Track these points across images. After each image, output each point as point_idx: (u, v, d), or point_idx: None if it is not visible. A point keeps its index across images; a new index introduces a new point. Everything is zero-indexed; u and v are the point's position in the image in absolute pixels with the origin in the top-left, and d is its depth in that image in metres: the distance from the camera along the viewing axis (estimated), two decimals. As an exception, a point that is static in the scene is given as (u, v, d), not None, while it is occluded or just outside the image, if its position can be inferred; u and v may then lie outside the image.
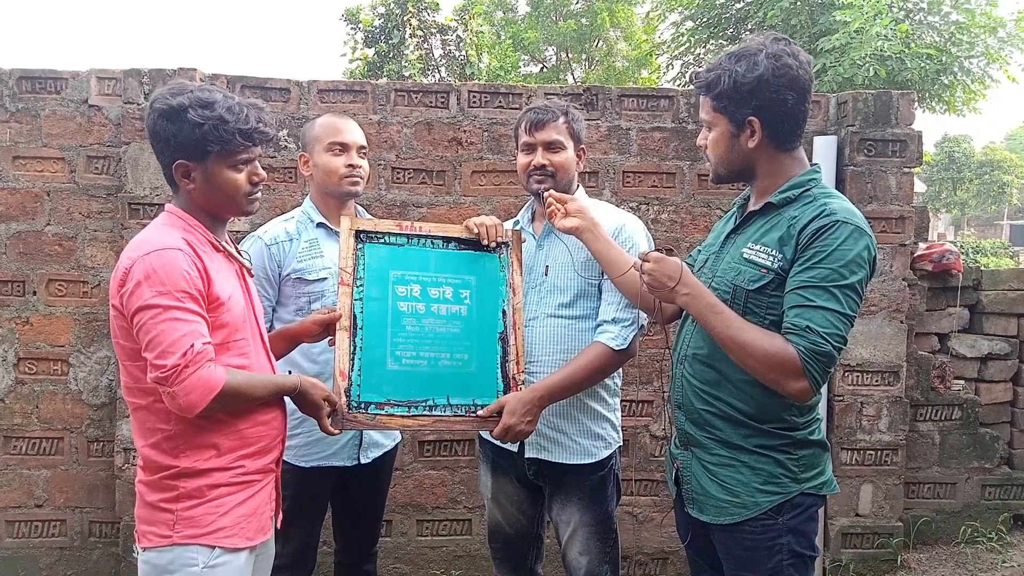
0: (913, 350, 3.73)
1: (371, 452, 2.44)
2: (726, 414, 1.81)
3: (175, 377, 1.59)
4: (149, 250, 1.66)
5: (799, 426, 1.79)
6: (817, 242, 1.66)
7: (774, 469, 1.77)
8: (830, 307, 1.63)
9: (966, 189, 34.14)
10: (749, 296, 1.75)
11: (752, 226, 1.84)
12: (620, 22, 20.18)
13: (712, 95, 1.79)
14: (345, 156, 2.36)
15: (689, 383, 1.88)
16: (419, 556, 3.52)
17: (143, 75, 3.31)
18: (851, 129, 3.53)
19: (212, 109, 1.69)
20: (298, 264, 2.34)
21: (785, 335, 1.65)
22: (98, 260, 3.39)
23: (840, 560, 3.58)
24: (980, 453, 3.88)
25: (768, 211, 1.81)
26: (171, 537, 1.68)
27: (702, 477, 1.85)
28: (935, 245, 3.99)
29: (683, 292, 1.77)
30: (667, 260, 1.82)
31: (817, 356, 1.62)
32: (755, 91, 1.72)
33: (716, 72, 1.77)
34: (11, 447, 3.39)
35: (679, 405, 1.93)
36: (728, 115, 1.78)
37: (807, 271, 1.66)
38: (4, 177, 3.37)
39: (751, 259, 1.77)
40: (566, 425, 2.24)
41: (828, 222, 1.67)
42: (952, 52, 11.29)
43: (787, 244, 1.71)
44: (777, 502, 1.76)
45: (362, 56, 14.27)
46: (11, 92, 3.37)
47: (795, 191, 1.78)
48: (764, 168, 1.82)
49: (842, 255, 1.64)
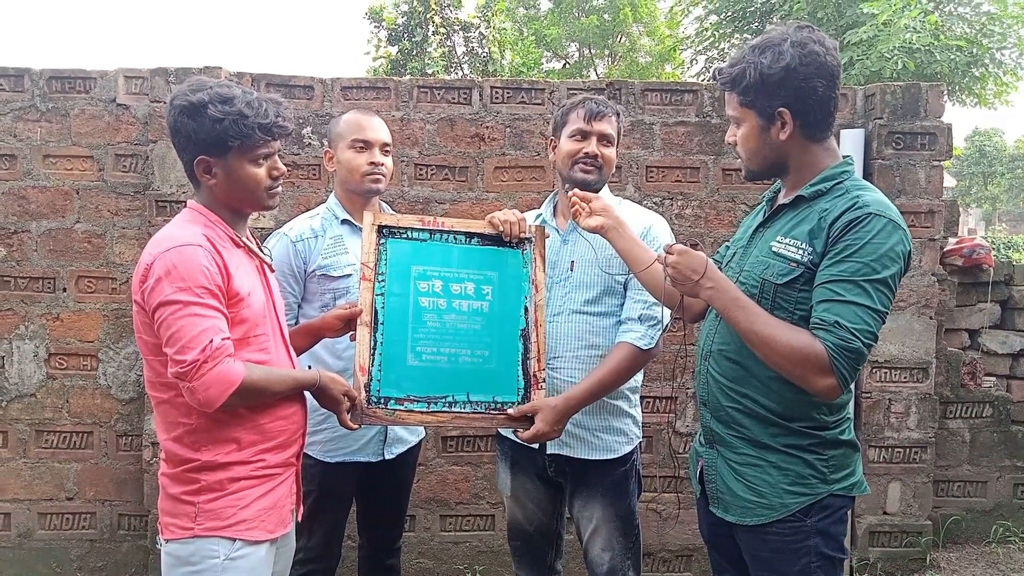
0: (943, 346, 3.67)
1: (395, 448, 2.45)
2: (753, 412, 1.76)
3: (194, 372, 1.61)
4: (170, 246, 1.67)
5: (829, 425, 1.74)
6: (849, 235, 1.61)
7: (803, 469, 1.73)
8: (860, 302, 1.58)
9: (997, 184, 33.50)
10: (778, 291, 1.70)
11: (781, 219, 1.80)
12: (643, 17, 20.06)
13: (738, 90, 1.74)
14: (368, 153, 2.36)
15: (715, 379, 1.84)
16: (442, 551, 3.54)
17: (170, 74, 3.34)
18: (879, 122, 3.48)
19: (232, 104, 1.70)
20: (323, 260, 2.34)
21: (813, 331, 1.61)
22: (126, 257, 3.43)
23: (868, 558, 3.53)
24: (1012, 451, 3.81)
25: (798, 204, 1.77)
26: (193, 529, 1.69)
27: (728, 476, 1.82)
28: (965, 239, 3.93)
29: (707, 285, 1.72)
30: (691, 253, 1.77)
31: (846, 352, 1.57)
32: (783, 82, 1.68)
33: (740, 66, 1.72)
34: (43, 441, 3.46)
35: (704, 402, 1.89)
36: (756, 109, 1.74)
37: (837, 264, 1.61)
38: (35, 175, 3.43)
39: (780, 253, 1.72)
40: (588, 421, 2.23)
41: (860, 214, 1.62)
42: (983, 44, 11.09)
43: (817, 237, 1.67)
44: (806, 504, 1.72)
45: (385, 54, 14.32)
46: (42, 92, 3.42)
47: (827, 184, 1.73)
48: (797, 161, 1.77)
49: (875, 249, 1.59)
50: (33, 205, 3.43)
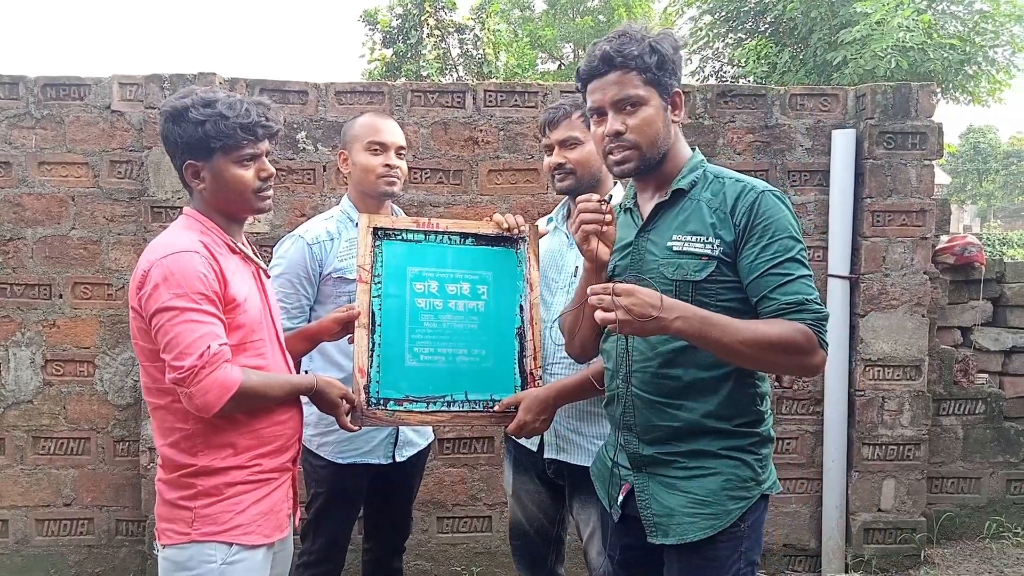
0: (935, 344, 3.69)
1: (406, 451, 2.45)
2: (690, 421, 1.69)
3: (192, 378, 1.62)
4: (166, 253, 1.69)
5: (764, 418, 1.74)
6: (758, 218, 1.64)
7: (742, 472, 1.69)
8: (803, 273, 1.63)
9: (992, 180, 33.63)
10: (697, 287, 1.67)
11: (665, 217, 1.74)
12: (637, 18, 20.10)
13: (642, 67, 1.65)
14: (383, 156, 2.38)
15: (641, 399, 1.74)
16: (440, 553, 3.55)
17: (164, 80, 3.35)
18: (870, 122, 3.50)
19: (213, 107, 1.72)
20: (339, 263, 2.35)
21: (784, 316, 1.60)
22: (122, 263, 3.44)
23: (863, 555, 3.55)
24: (1005, 447, 3.83)
25: (677, 199, 1.73)
26: (190, 534, 1.71)
27: (664, 496, 1.71)
28: (957, 237, 3.94)
29: (672, 317, 1.55)
30: (639, 288, 1.59)
31: (822, 322, 1.62)
32: (676, 63, 1.69)
33: (641, 45, 1.66)
34: (40, 447, 3.46)
35: (629, 427, 1.77)
36: (659, 89, 1.68)
37: (767, 249, 1.63)
38: (30, 182, 3.44)
39: (685, 251, 1.68)
40: (584, 427, 2.23)
41: (755, 196, 1.66)
42: (976, 42, 11.12)
43: (722, 228, 1.66)
44: (745, 508, 1.67)
45: (380, 57, 14.36)
46: (36, 99, 3.43)
47: (696, 174, 1.74)
48: (673, 150, 1.75)
49: (786, 223, 1.65)
50: (28, 212, 3.43)
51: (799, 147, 3.58)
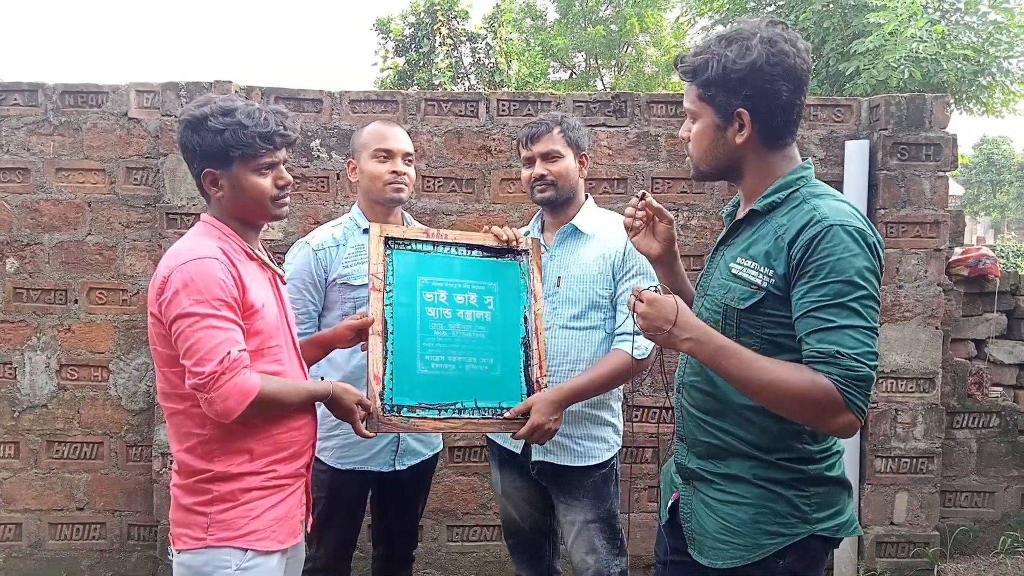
0: (949, 356, 3.67)
1: (407, 460, 2.46)
2: (730, 446, 1.63)
3: (212, 384, 1.64)
4: (187, 259, 1.70)
5: (814, 457, 1.59)
6: (815, 255, 1.47)
7: (781, 507, 1.57)
8: (853, 323, 1.44)
9: (1006, 192, 33.39)
10: (741, 316, 1.58)
11: (740, 237, 1.67)
12: (649, 27, 20.10)
13: (698, 82, 1.60)
14: (390, 163, 2.39)
15: (689, 413, 1.72)
16: (450, 562, 3.55)
17: (181, 88, 3.39)
18: (884, 133, 3.50)
19: (232, 116, 1.74)
20: (344, 269, 2.37)
21: (812, 365, 1.45)
22: (137, 269, 3.47)
23: (875, 569, 3.53)
24: (1019, 461, 3.79)
25: (754, 219, 1.63)
26: (205, 540, 1.71)
27: (703, 515, 1.68)
28: (971, 249, 3.92)
29: (683, 337, 1.56)
30: (661, 300, 1.59)
31: (855, 383, 1.42)
32: (746, 80, 1.53)
33: (704, 56, 1.58)
34: (53, 451, 3.49)
35: (681, 436, 1.76)
36: (715, 106, 1.59)
37: (816, 290, 1.47)
38: (47, 188, 3.47)
39: (740, 275, 1.60)
40: (572, 430, 2.30)
41: (820, 230, 1.48)
42: (990, 52, 11.07)
43: (776, 259, 1.53)
44: (782, 545, 1.57)
45: (393, 65, 14.42)
46: (55, 106, 3.47)
47: (781, 194, 1.59)
48: (752, 167, 1.64)
49: (848, 264, 1.45)
50: (46, 218, 3.47)
51: (812, 158, 3.58)
